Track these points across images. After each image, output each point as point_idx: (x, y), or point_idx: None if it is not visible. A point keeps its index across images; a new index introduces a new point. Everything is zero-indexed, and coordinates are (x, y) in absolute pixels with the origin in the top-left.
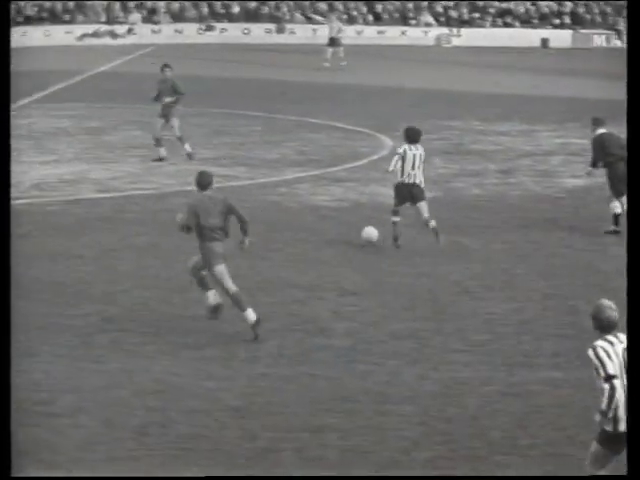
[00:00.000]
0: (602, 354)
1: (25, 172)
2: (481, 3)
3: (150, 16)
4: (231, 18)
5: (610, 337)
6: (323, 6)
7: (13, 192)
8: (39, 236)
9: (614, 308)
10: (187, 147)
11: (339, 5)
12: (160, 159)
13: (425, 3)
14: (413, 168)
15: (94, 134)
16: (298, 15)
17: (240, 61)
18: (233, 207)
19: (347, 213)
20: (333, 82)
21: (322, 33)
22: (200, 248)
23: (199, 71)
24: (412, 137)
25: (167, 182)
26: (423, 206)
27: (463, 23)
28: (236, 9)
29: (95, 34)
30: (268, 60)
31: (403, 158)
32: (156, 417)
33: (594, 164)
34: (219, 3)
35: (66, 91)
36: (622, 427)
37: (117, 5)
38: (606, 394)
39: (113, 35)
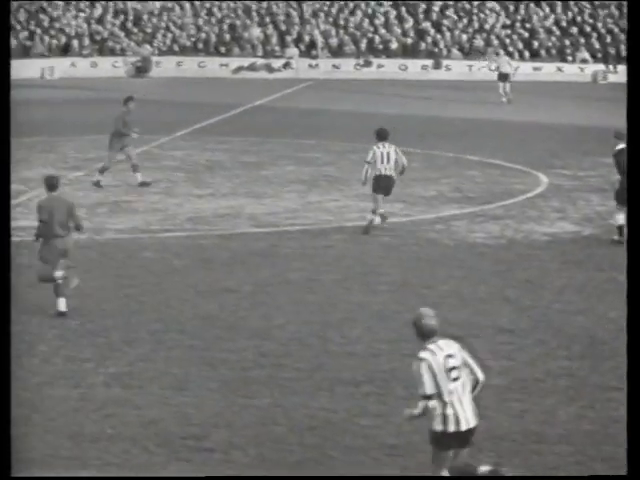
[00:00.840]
0: (424, 370)
1: (180, 205)
2: None
3: (308, 51)
4: (389, 54)
5: (432, 346)
6: (480, 42)
7: (167, 225)
8: (193, 270)
9: (433, 316)
10: (139, 177)
11: (495, 41)
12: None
13: (582, 39)
14: (385, 162)
15: (250, 168)
16: (455, 51)
17: (397, 97)
18: (73, 213)
19: (503, 250)
20: (490, 118)
21: (479, 69)
22: (43, 244)
23: (356, 107)
24: (381, 135)
25: (325, 218)
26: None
27: (620, 59)
28: (394, 45)
29: (251, 67)
30: (425, 95)
31: (375, 161)
32: (312, 454)
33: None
34: (378, 39)
35: (222, 124)
36: (452, 428)
37: (274, 39)
38: (419, 409)
39: (270, 69)
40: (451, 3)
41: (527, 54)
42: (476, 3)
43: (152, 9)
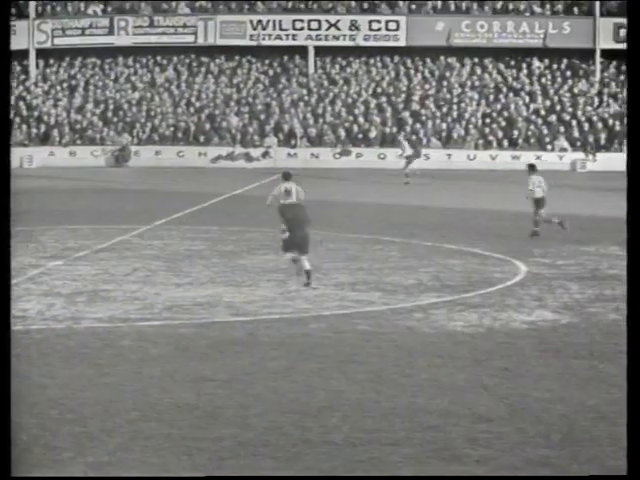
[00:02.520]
0: None
1: (158, 294)
2: (618, 127)
3: (287, 140)
4: (368, 143)
5: None
6: (461, 131)
7: (146, 313)
8: (171, 359)
9: None
10: None
11: (472, 130)
12: None
13: (562, 128)
14: (289, 196)
15: (229, 257)
16: (434, 140)
17: (376, 185)
18: None
19: (482, 339)
20: (468, 207)
21: (457, 158)
22: None
23: (334, 196)
24: (285, 177)
25: (304, 307)
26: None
27: (599, 148)
28: (373, 133)
29: (230, 156)
30: (403, 185)
31: (280, 193)
32: None
33: None
34: (356, 128)
35: (201, 213)
36: None
37: (253, 128)
38: None
39: (248, 158)
40: (431, 92)
41: (506, 143)
42: (456, 92)
43: (131, 99)
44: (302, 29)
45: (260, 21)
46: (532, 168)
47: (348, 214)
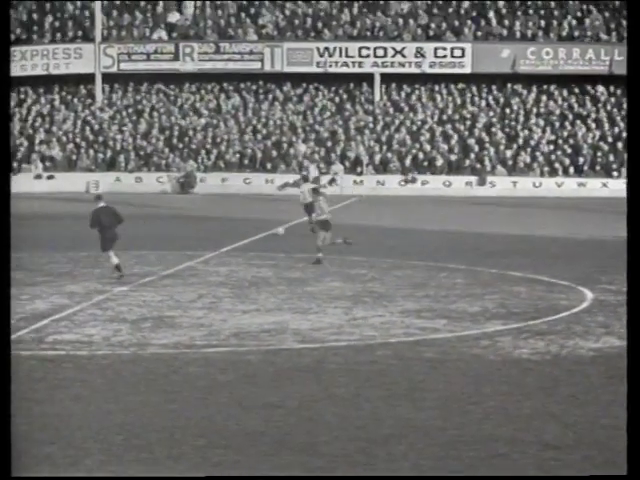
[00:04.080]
0: None
1: (225, 320)
2: None
3: (353, 167)
4: (433, 170)
5: None
6: (527, 158)
7: (212, 340)
8: (238, 386)
9: None
10: None
11: (539, 157)
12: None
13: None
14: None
15: (295, 285)
16: (500, 167)
17: (441, 213)
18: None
19: (548, 366)
20: (534, 234)
21: (523, 185)
22: None
23: (400, 223)
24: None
25: (370, 334)
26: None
27: None
28: (439, 162)
29: (297, 184)
30: (469, 213)
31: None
32: None
33: None
34: (421, 155)
35: (267, 240)
36: None
37: (320, 155)
38: None
39: None
40: (495, 120)
41: (572, 170)
42: (521, 119)
43: (196, 125)
44: (368, 56)
45: (327, 48)
46: None
47: (414, 241)
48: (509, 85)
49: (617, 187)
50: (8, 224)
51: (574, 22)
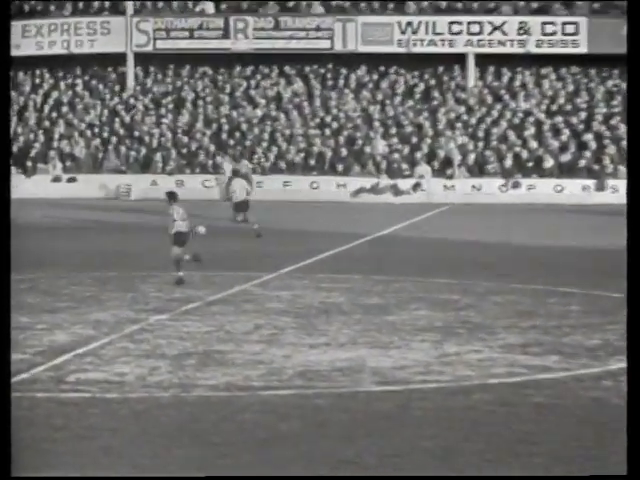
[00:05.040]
0: None
1: (288, 356)
2: None
3: (442, 169)
4: (542, 173)
5: None
6: None
7: (272, 381)
8: (305, 437)
9: None
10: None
11: None
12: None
13: None
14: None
15: (373, 313)
16: (622, 169)
17: (550, 224)
18: None
19: None
20: None
21: None
22: None
23: (501, 237)
24: (172, 197)
25: (465, 373)
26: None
27: None
28: (549, 162)
29: (374, 189)
30: (585, 223)
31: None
32: None
33: None
34: (526, 154)
35: (339, 258)
36: None
37: (402, 154)
38: None
39: (396, 191)
40: (617, 110)
41: None
42: None
43: (251, 117)
44: (460, 33)
45: (410, 23)
46: None
47: (517, 259)
48: None
49: None
50: (8, 237)
51: None
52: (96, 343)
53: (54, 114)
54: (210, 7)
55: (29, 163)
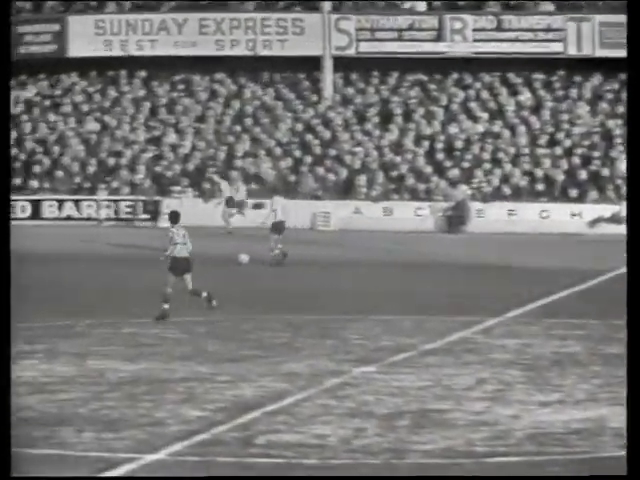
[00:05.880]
0: None
1: (517, 417)
2: None
3: None
4: None
5: None
6: None
7: (497, 445)
8: None
9: None
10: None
11: None
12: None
13: None
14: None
15: (616, 365)
16: None
17: None
18: None
19: None
20: None
21: None
22: None
23: None
24: (174, 218)
25: None
26: (188, 277)
27: None
28: None
29: (614, 218)
30: None
31: (172, 238)
32: None
33: None
34: None
35: (574, 300)
36: None
37: None
38: None
39: None
40: None
41: None
42: None
43: (471, 134)
44: None
45: None
46: None
47: None
48: None
49: None
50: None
51: None
52: (290, 399)
53: (237, 127)
54: (422, 4)
55: (206, 185)
